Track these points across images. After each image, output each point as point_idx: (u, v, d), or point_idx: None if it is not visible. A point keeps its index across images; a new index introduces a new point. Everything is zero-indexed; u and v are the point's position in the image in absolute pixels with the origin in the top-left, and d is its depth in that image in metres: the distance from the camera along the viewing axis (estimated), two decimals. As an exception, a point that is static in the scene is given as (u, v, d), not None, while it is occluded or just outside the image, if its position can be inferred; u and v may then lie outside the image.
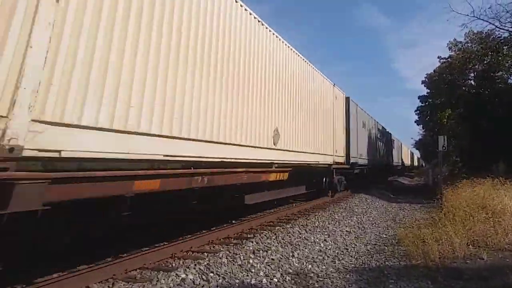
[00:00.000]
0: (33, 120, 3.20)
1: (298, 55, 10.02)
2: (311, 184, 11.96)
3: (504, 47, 21.78)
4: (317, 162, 11.29)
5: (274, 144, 8.16)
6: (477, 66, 23.97)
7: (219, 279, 4.73)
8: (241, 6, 6.94)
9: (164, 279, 4.56)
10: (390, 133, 31.93)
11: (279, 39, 8.65)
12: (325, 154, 11.98)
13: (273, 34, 8.32)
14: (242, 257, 5.68)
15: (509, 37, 20.88)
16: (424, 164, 72.12)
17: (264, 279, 4.82)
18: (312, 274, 5.13)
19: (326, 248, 6.66)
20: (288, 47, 9.22)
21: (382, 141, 26.86)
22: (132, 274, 4.78)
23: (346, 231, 8.29)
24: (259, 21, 7.64)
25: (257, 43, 7.57)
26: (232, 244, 6.50)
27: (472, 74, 26.03)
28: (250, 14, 7.28)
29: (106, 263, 4.73)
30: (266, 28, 7.97)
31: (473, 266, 5.47)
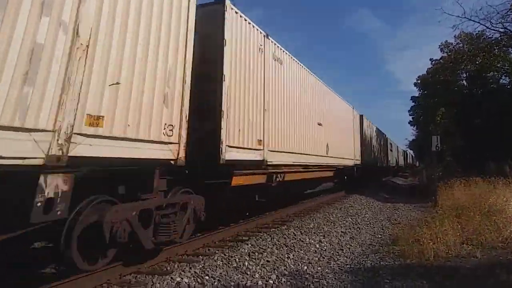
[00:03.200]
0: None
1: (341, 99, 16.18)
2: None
3: (495, 48, 22.01)
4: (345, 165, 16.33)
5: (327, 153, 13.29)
6: (469, 67, 24.21)
7: (215, 282, 4.71)
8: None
9: (159, 283, 4.53)
10: (385, 135, 32.15)
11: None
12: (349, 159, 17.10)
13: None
14: (237, 259, 5.66)
15: (500, 38, 21.10)
16: (418, 164, 72.58)
17: (260, 281, 4.81)
18: (307, 275, 5.13)
19: (322, 249, 6.66)
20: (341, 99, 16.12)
21: (380, 143, 27.57)
22: (127, 278, 4.74)
23: (341, 231, 8.30)
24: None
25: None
26: (227, 247, 6.48)
27: (464, 75, 26.31)
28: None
29: (99, 268, 4.69)
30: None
31: (467, 265, 5.50)
